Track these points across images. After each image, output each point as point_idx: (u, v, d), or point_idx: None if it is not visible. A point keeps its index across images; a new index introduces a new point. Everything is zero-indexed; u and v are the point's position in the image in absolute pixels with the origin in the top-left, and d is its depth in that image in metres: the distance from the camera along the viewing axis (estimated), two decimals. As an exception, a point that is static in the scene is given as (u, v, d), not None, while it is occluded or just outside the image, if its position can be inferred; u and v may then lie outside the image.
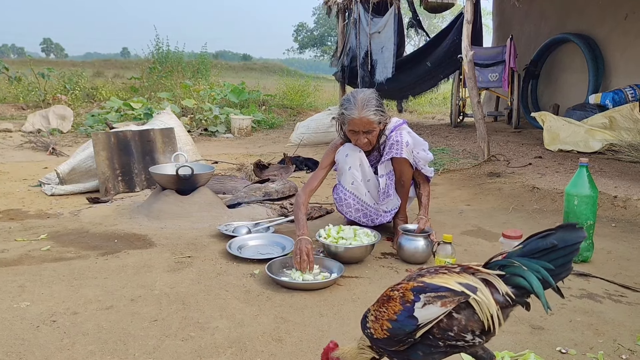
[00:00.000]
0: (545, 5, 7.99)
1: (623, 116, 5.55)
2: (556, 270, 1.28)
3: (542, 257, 1.29)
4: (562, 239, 1.27)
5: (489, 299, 1.29)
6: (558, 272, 1.28)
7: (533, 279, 1.27)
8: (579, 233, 1.26)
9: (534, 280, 1.27)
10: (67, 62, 24.54)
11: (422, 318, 1.28)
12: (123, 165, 4.17)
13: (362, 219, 3.03)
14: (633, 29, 6.38)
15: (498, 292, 1.30)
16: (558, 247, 1.27)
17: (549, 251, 1.29)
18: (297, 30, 48.75)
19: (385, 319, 1.33)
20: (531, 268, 1.28)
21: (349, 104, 2.78)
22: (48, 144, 6.28)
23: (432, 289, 1.30)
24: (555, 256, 1.28)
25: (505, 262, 1.33)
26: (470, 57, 5.16)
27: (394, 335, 1.32)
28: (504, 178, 4.51)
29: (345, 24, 8.52)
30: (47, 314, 2.04)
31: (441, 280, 1.32)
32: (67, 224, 3.32)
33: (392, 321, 1.32)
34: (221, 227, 3.12)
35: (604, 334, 1.92)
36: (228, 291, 2.29)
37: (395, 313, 1.31)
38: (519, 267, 1.29)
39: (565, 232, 1.27)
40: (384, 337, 1.34)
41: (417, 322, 1.28)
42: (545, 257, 1.29)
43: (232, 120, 8.25)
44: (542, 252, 1.30)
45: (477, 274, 1.33)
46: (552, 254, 1.28)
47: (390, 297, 1.36)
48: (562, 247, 1.27)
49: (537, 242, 1.31)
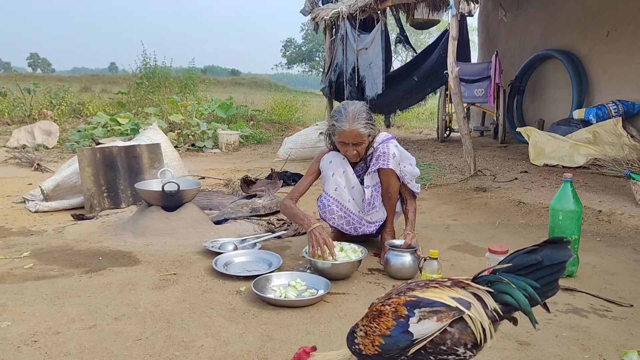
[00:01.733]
0: (529, 22, 8.12)
1: (606, 131, 5.63)
2: (542, 288, 1.28)
3: (528, 275, 1.29)
4: (549, 257, 1.27)
5: (481, 313, 1.29)
6: (544, 290, 1.28)
7: (520, 297, 1.27)
8: (566, 252, 1.26)
9: (521, 298, 1.27)
10: (54, 77, 24.39)
11: (417, 333, 1.26)
12: (109, 181, 4.13)
13: (345, 226, 3.03)
14: (615, 46, 6.50)
15: (487, 307, 1.30)
16: (544, 265, 1.27)
17: (535, 268, 1.29)
18: (286, 45, 49.04)
19: (377, 334, 1.30)
20: (518, 286, 1.28)
21: (340, 116, 2.80)
22: (33, 160, 6.22)
23: (426, 303, 1.28)
24: (541, 274, 1.28)
25: (493, 278, 1.33)
26: (456, 73, 5.22)
27: (386, 352, 1.29)
28: (491, 193, 4.54)
29: (332, 40, 8.59)
30: (29, 334, 2.00)
31: (434, 295, 1.31)
32: (51, 241, 3.27)
33: (385, 337, 1.29)
34: (207, 243, 3.09)
35: (589, 349, 1.92)
36: (213, 309, 2.27)
37: (389, 328, 1.29)
38: (507, 284, 1.29)
39: (552, 249, 1.27)
40: (375, 353, 1.31)
41: (413, 338, 1.26)
42: (531, 274, 1.29)
43: (220, 136, 8.24)
44: (528, 269, 1.30)
45: (467, 288, 1.33)
46: (539, 271, 1.28)
47: (381, 312, 1.33)
48: (548, 265, 1.27)
49: (523, 257, 1.31)
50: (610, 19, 6.55)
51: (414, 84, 7.78)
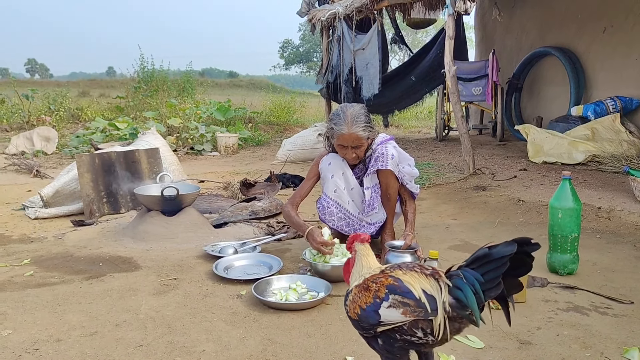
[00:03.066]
0: (526, 19, 8.13)
1: (605, 127, 5.64)
2: (486, 284, 1.29)
3: (477, 268, 1.32)
4: (498, 251, 1.28)
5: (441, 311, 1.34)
6: (488, 287, 1.29)
7: (469, 291, 1.30)
8: (511, 247, 1.26)
9: (469, 293, 1.30)
10: (52, 82, 24.36)
11: (384, 317, 1.36)
12: (108, 187, 4.13)
13: (344, 228, 3.03)
14: (611, 42, 6.50)
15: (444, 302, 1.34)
16: (490, 259, 1.29)
17: (483, 261, 1.31)
18: (283, 46, 49.01)
19: (357, 304, 1.43)
20: (469, 280, 1.31)
21: (339, 119, 2.80)
22: (32, 166, 6.21)
23: (402, 291, 1.36)
24: (487, 268, 1.30)
25: (454, 273, 1.36)
26: (453, 73, 5.22)
27: (360, 322, 1.42)
28: (490, 191, 4.54)
29: (329, 41, 8.58)
30: (30, 342, 2.00)
31: (411, 280, 1.38)
32: (51, 248, 3.27)
33: (362, 309, 1.41)
34: (207, 247, 3.09)
35: (591, 347, 1.93)
36: (214, 313, 2.27)
37: (366, 304, 1.40)
38: (461, 278, 1.32)
39: (506, 244, 1.27)
40: (354, 319, 1.45)
41: (379, 319, 1.36)
42: (480, 268, 1.32)
43: (218, 138, 8.24)
44: (477, 262, 1.32)
45: (440, 280, 1.37)
46: (485, 265, 1.30)
47: (368, 287, 1.43)
48: (493, 259, 1.28)
49: (479, 250, 1.33)
50: (607, 15, 6.56)
51: (412, 83, 7.78)
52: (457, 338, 1.96)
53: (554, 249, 2.68)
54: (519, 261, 1.27)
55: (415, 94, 7.99)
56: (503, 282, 1.28)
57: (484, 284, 1.28)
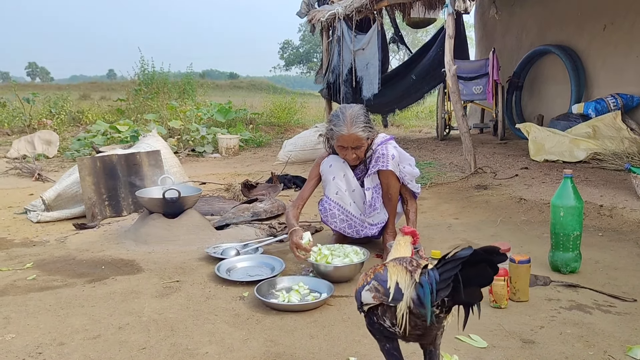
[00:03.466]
0: (526, 17, 8.12)
1: (606, 125, 5.63)
2: (440, 283, 1.32)
3: (438, 267, 1.35)
4: (457, 254, 1.30)
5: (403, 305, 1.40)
6: (440, 286, 1.32)
7: (427, 289, 1.33)
8: (467, 250, 1.28)
9: (427, 290, 1.33)
10: (53, 86, 24.42)
11: (362, 298, 1.50)
12: (109, 190, 4.14)
13: (347, 229, 3.04)
14: (612, 39, 6.50)
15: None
16: (448, 260, 1.32)
17: (443, 263, 1.34)
18: (283, 47, 49.08)
19: (360, 283, 1.54)
20: (430, 279, 1.34)
21: (338, 120, 2.80)
22: (34, 170, 6.22)
23: (380, 279, 1.46)
24: (443, 269, 1.33)
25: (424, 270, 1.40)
26: (453, 72, 5.22)
27: (355, 298, 1.56)
28: (491, 190, 4.54)
29: (329, 42, 8.58)
30: (33, 346, 2.01)
31: (392, 271, 1.46)
32: (53, 251, 3.28)
33: (359, 287, 1.53)
34: (209, 249, 3.10)
35: (594, 345, 1.92)
36: (217, 315, 2.27)
37: (361, 284, 1.53)
38: (424, 276, 1.35)
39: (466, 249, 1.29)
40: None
41: (361, 299, 1.50)
42: (440, 268, 1.34)
43: (220, 140, 8.25)
44: (441, 263, 1.35)
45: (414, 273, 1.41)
46: (444, 266, 1.33)
47: (374, 271, 1.53)
48: (450, 261, 1.31)
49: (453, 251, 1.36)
50: (607, 13, 6.55)
51: (412, 83, 7.76)
52: (460, 337, 1.97)
53: (556, 248, 2.67)
54: (482, 270, 1.29)
55: (416, 93, 7.97)
56: (464, 289, 1.29)
57: (438, 283, 1.32)
